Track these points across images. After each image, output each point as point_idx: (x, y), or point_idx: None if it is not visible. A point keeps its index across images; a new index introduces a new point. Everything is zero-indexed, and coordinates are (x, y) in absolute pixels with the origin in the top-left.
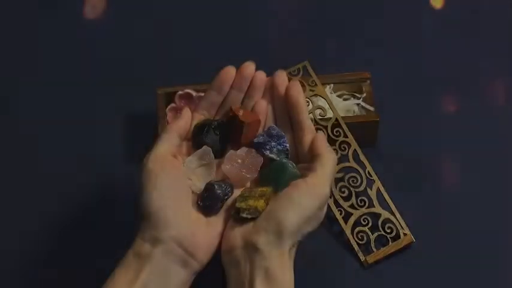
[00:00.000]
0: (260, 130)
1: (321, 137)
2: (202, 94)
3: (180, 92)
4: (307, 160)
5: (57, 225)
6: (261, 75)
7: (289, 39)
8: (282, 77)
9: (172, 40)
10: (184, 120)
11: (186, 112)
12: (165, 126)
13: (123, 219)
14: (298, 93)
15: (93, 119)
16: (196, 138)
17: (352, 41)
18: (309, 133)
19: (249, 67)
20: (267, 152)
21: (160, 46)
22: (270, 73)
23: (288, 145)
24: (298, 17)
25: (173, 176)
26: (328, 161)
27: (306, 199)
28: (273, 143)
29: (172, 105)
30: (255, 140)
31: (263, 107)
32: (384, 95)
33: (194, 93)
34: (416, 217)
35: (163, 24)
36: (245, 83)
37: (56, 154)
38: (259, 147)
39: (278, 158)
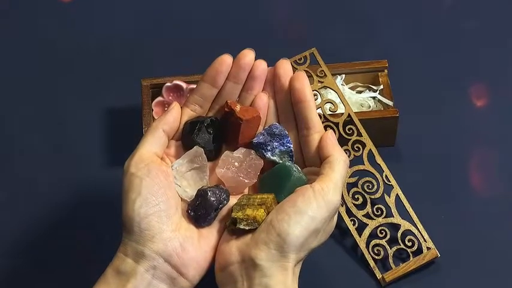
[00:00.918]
0: (260, 128)
1: (331, 136)
2: (194, 86)
3: (168, 84)
4: (314, 163)
5: (31, 230)
6: (262, 65)
7: (294, 23)
8: (285, 67)
9: (160, 24)
10: (172, 117)
11: (175, 107)
12: (150, 123)
13: (101, 231)
14: (304, 85)
15: (68, 116)
16: (186, 137)
17: (367, 25)
18: (317, 131)
19: (248, 55)
20: (268, 154)
21: (146, 31)
22: (271, 62)
23: (292, 145)
24: None
25: (160, 181)
26: (339, 163)
27: (313, 208)
28: (275, 143)
29: (159, 98)
30: (254, 140)
31: (264, 102)
32: (403, 86)
33: (184, 85)
34: (441, 228)
35: (150, 5)
36: (243, 73)
37: (29, 154)
38: (259, 148)
39: (281, 161)
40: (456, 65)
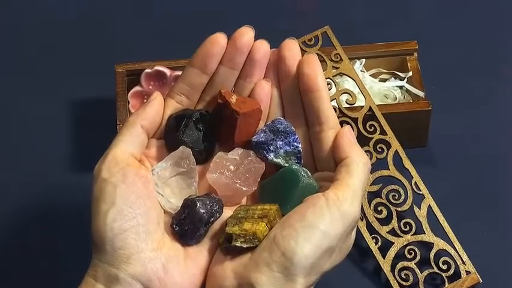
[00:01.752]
0: (261, 124)
1: (348, 133)
2: (180, 73)
3: (148, 70)
4: (328, 166)
5: None
6: (263, 46)
7: None
8: (292, 48)
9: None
10: (153, 110)
11: (157, 98)
12: (126, 118)
13: (66, 250)
14: (315, 70)
15: (28, 111)
16: (170, 135)
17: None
18: (331, 128)
19: (246, 34)
20: (271, 155)
21: (120, 7)
22: (275, 43)
23: (300, 145)
24: None
25: (137, 188)
26: (358, 167)
27: (326, 221)
28: (280, 143)
29: (137, 88)
30: (254, 139)
31: (265, 91)
32: (437, 74)
33: (168, 72)
34: (483, 248)
35: None
36: (240, 56)
37: None
38: (259, 149)
39: (286, 164)
40: (502, 47)
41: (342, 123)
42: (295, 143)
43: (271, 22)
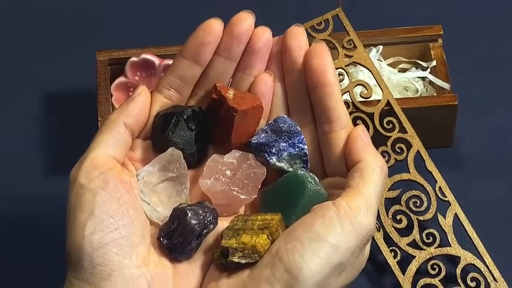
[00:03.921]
0: (262, 123)
1: (362, 134)
2: (170, 62)
3: (133, 59)
4: (339, 171)
5: None
6: (265, 34)
7: None
8: (298, 36)
9: None
10: (138, 106)
11: (142, 92)
12: (109, 113)
13: (38, 264)
14: (325, 62)
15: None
16: (158, 135)
17: None
18: (343, 127)
19: (245, 21)
20: (273, 159)
21: None
22: (279, 31)
23: (306, 147)
24: None
25: (120, 196)
26: (373, 172)
27: (337, 233)
28: (283, 144)
29: (121, 79)
30: (254, 140)
31: (267, 86)
32: (465, 63)
33: (157, 61)
34: None
35: None
36: (238, 46)
37: None
38: (260, 151)
39: (291, 168)
40: None
41: (355, 119)
42: (301, 145)
43: (274, 5)
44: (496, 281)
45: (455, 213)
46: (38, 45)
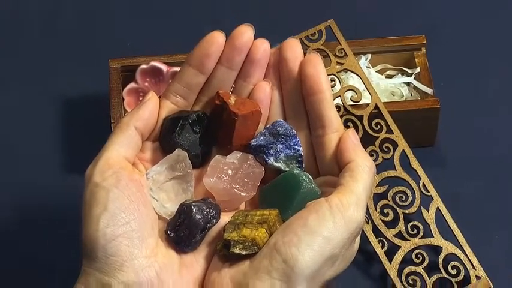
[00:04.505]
0: (261, 126)
1: (352, 137)
2: (177, 69)
3: (143, 66)
4: (331, 171)
5: None
6: (263, 46)
7: None
8: (294, 48)
9: None
10: (147, 111)
11: (151, 98)
12: (121, 116)
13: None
14: (319, 71)
15: (15, 108)
16: (166, 137)
17: None
18: (334, 130)
19: (245, 33)
20: (271, 159)
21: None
22: (276, 41)
23: (301, 149)
24: None
25: (131, 193)
26: (362, 171)
27: (330, 227)
28: (280, 146)
29: (133, 85)
30: (253, 142)
31: (265, 93)
32: (447, 70)
33: (165, 68)
34: (495, 251)
35: None
36: (239, 56)
37: None
38: (259, 152)
39: (287, 168)
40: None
41: (346, 121)
42: (296, 147)
43: (271, 18)
44: (475, 269)
45: (438, 207)
46: (58, 54)
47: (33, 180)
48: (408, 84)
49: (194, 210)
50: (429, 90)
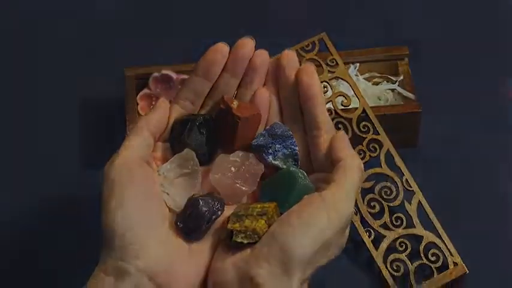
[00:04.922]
0: (261, 128)
1: (342, 137)
2: (186, 77)
3: (155, 74)
4: (324, 168)
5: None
6: (263, 55)
7: (301, 5)
8: (290, 58)
9: (146, 4)
10: (159, 114)
11: (162, 104)
12: (135, 119)
13: (79, 243)
14: (313, 79)
15: (38, 112)
16: (175, 138)
17: (385, 6)
18: (327, 132)
19: (247, 44)
20: (270, 158)
21: (130, 12)
22: (274, 52)
23: (297, 148)
24: None
25: (144, 188)
26: (351, 169)
27: (322, 219)
28: (278, 146)
29: (146, 91)
30: (254, 142)
31: (265, 98)
32: (427, 77)
33: (174, 76)
34: (470, 241)
35: None
36: (241, 65)
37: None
38: (259, 151)
39: (284, 166)
40: (493, 51)
41: (337, 123)
42: (293, 146)
43: (270, 31)
44: (452, 256)
45: (419, 201)
46: (80, 63)
47: (54, 177)
48: (393, 90)
49: (201, 203)
50: (411, 96)
